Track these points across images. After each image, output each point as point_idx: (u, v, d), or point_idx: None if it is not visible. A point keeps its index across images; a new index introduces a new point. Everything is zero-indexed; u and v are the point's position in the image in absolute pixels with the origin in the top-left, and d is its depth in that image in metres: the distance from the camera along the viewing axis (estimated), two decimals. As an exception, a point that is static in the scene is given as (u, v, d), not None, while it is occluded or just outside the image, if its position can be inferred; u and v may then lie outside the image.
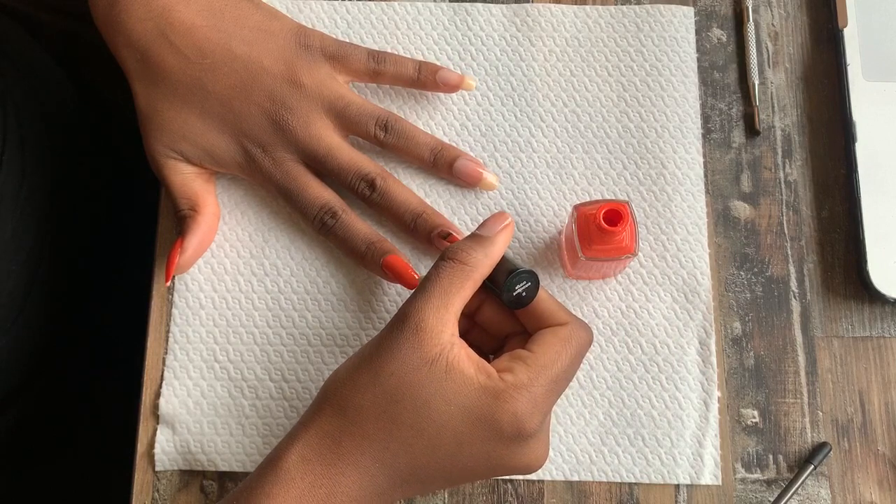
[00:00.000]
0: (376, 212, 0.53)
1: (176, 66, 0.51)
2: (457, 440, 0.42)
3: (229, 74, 0.51)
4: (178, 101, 0.51)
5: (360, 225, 0.52)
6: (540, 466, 0.45)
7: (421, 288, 0.44)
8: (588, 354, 0.52)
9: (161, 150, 0.52)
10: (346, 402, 0.42)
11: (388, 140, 0.53)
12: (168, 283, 0.52)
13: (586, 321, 0.48)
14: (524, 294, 0.45)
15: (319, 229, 0.52)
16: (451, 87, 0.55)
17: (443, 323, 0.43)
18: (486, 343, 0.48)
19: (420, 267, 0.53)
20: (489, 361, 0.45)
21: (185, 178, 0.52)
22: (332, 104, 0.52)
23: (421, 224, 0.52)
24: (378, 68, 0.54)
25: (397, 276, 0.51)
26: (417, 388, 0.41)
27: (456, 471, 0.43)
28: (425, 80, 0.54)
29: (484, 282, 0.46)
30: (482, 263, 0.45)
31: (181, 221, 0.52)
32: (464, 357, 0.42)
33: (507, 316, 0.47)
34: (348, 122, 0.53)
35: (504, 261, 0.46)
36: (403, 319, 0.43)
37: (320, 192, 0.52)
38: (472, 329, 0.48)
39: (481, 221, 0.47)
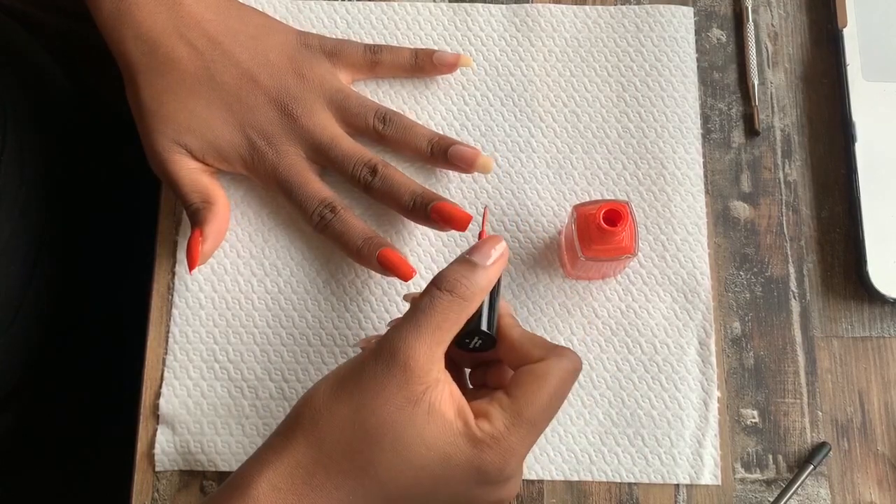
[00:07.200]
0: (376, 198, 0.53)
1: (186, 56, 0.51)
2: (434, 482, 0.41)
3: (237, 65, 0.52)
4: (184, 92, 0.51)
5: (357, 221, 0.52)
6: (512, 497, 0.44)
7: (412, 320, 0.41)
8: (588, 354, 0.52)
9: (165, 145, 0.51)
10: (323, 434, 0.40)
11: (387, 132, 0.54)
12: (192, 272, 0.52)
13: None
14: (477, 347, 0.44)
15: (317, 223, 0.52)
16: (449, 66, 0.56)
17: (432, 361, 0.41)
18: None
19: (415, 263, 0.53)
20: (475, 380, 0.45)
21: (192, 172, 0.52)
22: (332, 97, 0.53)
23: (419, 201, 0.52)
24: (375, 58, 0.55)
25: (393, 269, 0.51)
26: (399, 430, 0.40)
27: None
28: (423, 63, 0.55)
29: None
30: (478, 298, 0.43)
31: (195, 214, 0.52)
32: (447, 397, 0.41)
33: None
34: (349, 115, 0.53)
35: None
36: (392, 354, 0.41)
37: (321, 188, 0.53)
38: None
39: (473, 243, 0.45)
